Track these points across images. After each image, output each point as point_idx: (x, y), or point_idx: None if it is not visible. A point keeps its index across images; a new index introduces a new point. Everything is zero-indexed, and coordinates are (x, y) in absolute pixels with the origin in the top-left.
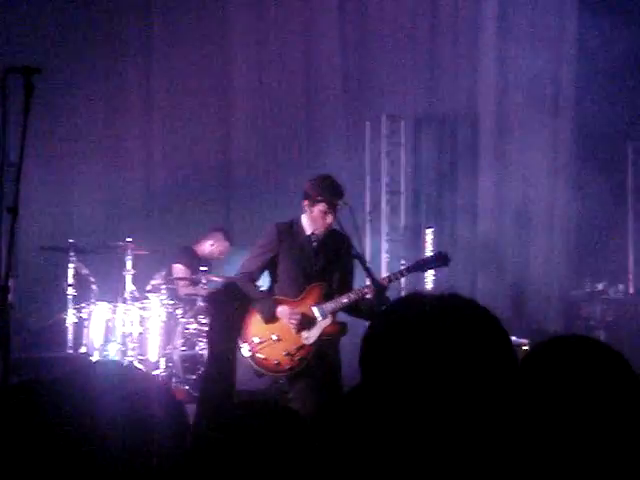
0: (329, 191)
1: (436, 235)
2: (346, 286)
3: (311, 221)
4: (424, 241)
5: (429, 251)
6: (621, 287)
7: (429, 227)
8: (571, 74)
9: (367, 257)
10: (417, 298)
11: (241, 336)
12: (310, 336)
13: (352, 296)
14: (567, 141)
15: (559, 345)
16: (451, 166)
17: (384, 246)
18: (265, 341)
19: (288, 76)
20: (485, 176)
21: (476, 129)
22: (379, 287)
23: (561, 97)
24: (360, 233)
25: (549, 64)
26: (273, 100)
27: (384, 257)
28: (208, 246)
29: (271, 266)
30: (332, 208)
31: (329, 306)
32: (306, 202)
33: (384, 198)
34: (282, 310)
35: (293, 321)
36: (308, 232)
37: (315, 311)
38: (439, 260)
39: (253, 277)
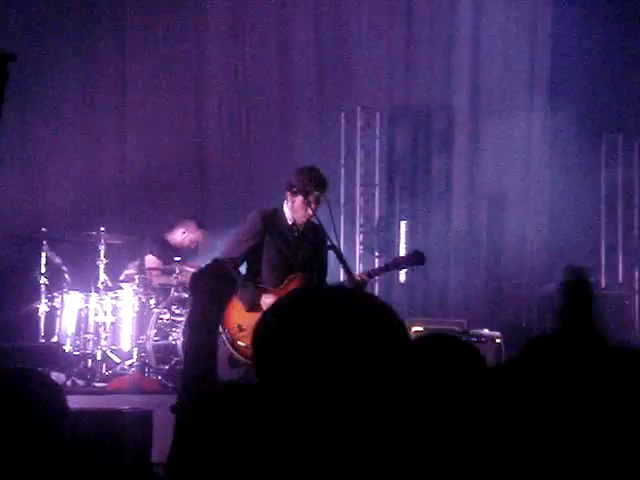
0: (314, 183)
1: (410, 227)
2: (321, 278)
3: (293, 211)
4: (398, 233)
5: (403, 244)
6: (592, 281)
7: (403, 219)
8: (545, 66)
9: (341, 249)
10: (306, 293)
11: (222, 322)
12: None
13: None
14: (541, 135)
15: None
16: (426, 158)
17: (358, 238)
18: (247, 329)
19: (262, 66)
20: (459, 168)
21: (451, 121)
22: (357, 282)
23: (535, 89)
24: (336, 225)
25: (523, 55)
26: (247, 90)
27: (358, 249)
28: (180, 234)
29: (251, 254)
30: (315, 200)
31: None
32: (289, 192)
33: (359, 190)
34: (266, 300)
35: None
36: (290, 222)
37: None
38: (415, 259)
39: (236, 263)
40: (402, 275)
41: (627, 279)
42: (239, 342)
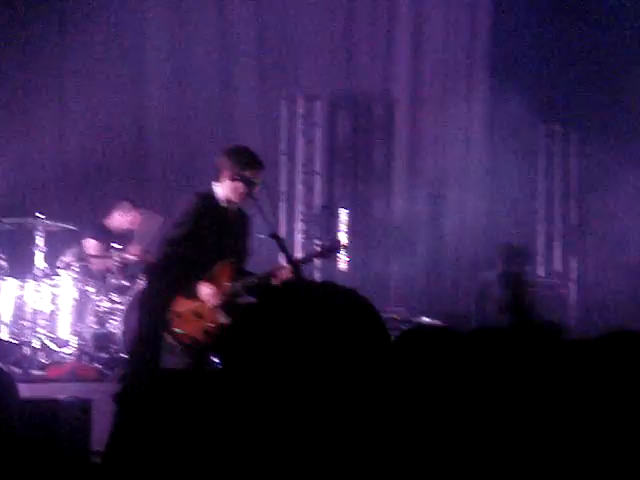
0: (253, 162)
1: (351, 216)
2: (244, 265)
3: (231, 193)
4: (339, 222)
5: (344, 232)
6: (530, 269)
7: (343, 207)
8: (485, 54)
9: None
10: (292, 286)
11: None
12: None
13: (263, 277)
14: (481, 123)
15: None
16: (367, 146)
17: (299, 226)
18: (184, 316)
19: (203, 53)
20: (400, 156)
21: (391, 109)
22: (295, 270)
23: (475, 78)
24: (277, 212)
25: (464, 44)
26: (187, 76)
27: (299, 237)
28: (117, 217)
29: (189, 237)
30: (254, 176)
31: (238, 285)
32: (226, 173)
33: (299, 178)
34: (204, 288)
35: (215, 300)
36: (223, 205)
37: (231, 289)
38: (333, 247)
39: (177, 248)
40: (342, 263)
41: (564, 268)
42: (176, 329)
